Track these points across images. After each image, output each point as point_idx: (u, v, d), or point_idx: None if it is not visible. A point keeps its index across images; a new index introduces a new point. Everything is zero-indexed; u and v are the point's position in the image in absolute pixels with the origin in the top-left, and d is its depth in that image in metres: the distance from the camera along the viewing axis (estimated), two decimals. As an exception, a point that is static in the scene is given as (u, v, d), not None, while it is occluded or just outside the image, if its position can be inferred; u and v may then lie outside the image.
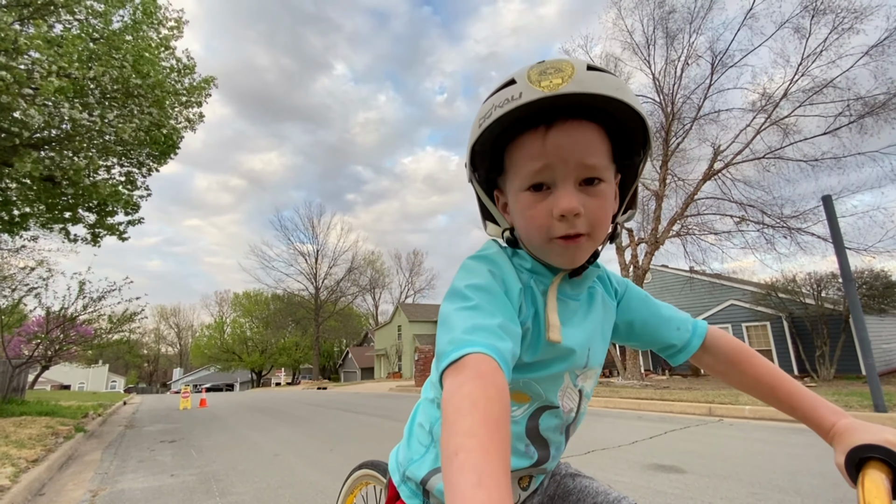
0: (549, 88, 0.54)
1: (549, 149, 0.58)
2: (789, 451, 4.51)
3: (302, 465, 4.96)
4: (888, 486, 0.45)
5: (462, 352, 0.48)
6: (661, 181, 14.94)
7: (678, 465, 4.10)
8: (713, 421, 6.79)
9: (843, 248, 7.03)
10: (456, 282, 0.60)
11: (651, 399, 9.07)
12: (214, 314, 59.73)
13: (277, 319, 47.63)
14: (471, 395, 0.42)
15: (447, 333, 0.52)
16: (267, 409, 12.38)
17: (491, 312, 0.54)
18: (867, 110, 12.47)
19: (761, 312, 16.52)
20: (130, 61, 6.74)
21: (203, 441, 7.04)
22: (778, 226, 13.58)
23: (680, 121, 15.18)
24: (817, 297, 14.91)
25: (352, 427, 7.96)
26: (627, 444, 5.15)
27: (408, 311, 37.85)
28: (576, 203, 0.58)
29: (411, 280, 55.22)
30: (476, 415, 0.40)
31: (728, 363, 0.74)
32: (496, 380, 0.45)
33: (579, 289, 0.69)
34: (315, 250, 45.39)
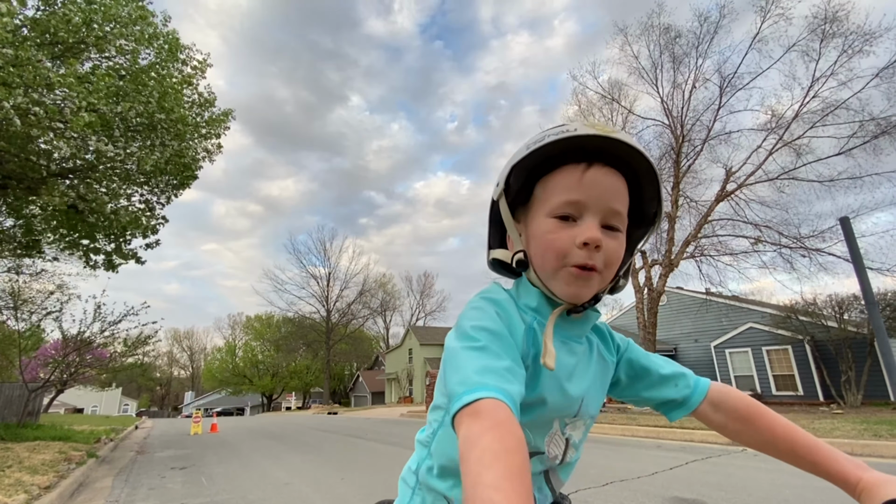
0: (603, 131, 0.60)
1: (585, 185, 0.61)
2: (818, 485, 4.31)
3: (313, 494, 4.87)
4: None
5: (475, 395, 0.48)
6: (673, 203, 14.87)
7: (701, 498, 3.94)
8: (736, 451, 6.54)
9: (864, 269, 6.87)
10: (462, 321, 0.60)
11: (670, 427, 8.79)
12: (227, 337, 60.10)
13: (288, 342, 47.64)
14: (492, 446, 0.42)
15: (456, 373, 0.53)
16: (277, 435, 12.27)
17: (498, 354, 0.55)
18: (881, 130, 12.37)
19: (782, 336, 16.04)
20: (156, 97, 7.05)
21: (214, 468, 6.97)
22: (796, 246, 13.35)
23: (690, 142, 15.20)
24: (840, 320, 14.47)
25: (362, 455, 7.83)
26: (647, 476, 4.97)
27: (419, 334, 37.59)
28: (597, 234, 0.61)
29: (422, 302, 55.10)
30: (499, 468, 0.40)
31: (740, 420, 0.71)
32: (513, 429, 0.45)
33: (579, 332, 0.69)
34: (327, 273, 45.73)
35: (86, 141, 6.04)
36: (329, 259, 46.41)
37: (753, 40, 14.00)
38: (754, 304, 18.53)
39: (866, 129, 12.64)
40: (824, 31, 12.95)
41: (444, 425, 0.67)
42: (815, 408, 13.81)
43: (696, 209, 15.22)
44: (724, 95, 14.60)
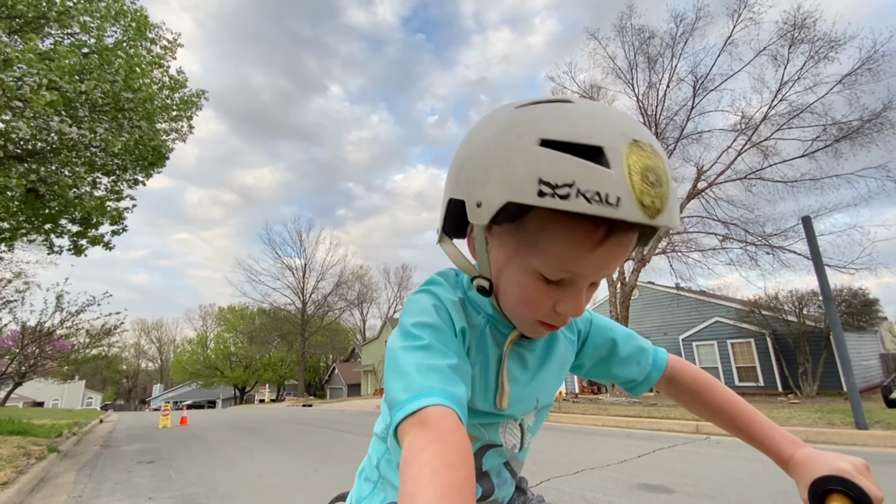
0: (650, 212, 0.45)
1: (597, 258, 0.50)
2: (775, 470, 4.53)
3: (286, 487, 4.84)
4: None
5: (419, 403, 0.45)
6: (646, 200, 15.24)
7: (666, 484, 4.10)
8: (700, 439, 6.82)
9: (822, 267, 7.21)
10: (403, 317, 0.57)
11: (639, 417, 9.08)
12: (198, 329, 58.53)
13: (263, 334, 46.77)
14: (431, 462, 0.39)
15: (400, 378, 0.49)
16: (250, 428, 12.08)
17: (443, 353, 0.52)
18: (842, 135, 12.96)
19: (745, 329, 16.76)
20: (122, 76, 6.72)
21: (183, 462, 6.83)
22: (760, 244, 13.90)
23: (664, 141, 15.57)
24: (799, 315, 15.20)
25: (337, 446, 7.81)
26: (616, 464, 5.13)
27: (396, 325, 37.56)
28: (584, 308, 0.56)
29: (400, 295, 54.91)
30: (437, 486, 0.37)
31: (689, 393, 0.73)
32: (458, 440, 0.42)
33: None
34: (303, 264, 44.97)
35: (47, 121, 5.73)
36: (305, 250, 45.67)
37: (725, 43, 14.40)
38: (721, 298, 19.25)
39: (829, 132, 13.22)
40: (793, 36, 13.42)
41: None
42: (775, 398, 14.51)
43: (669, 206, 15.65)
44: (697, 96, 15.01)
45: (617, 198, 0.43)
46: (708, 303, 18.97)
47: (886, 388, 13.19)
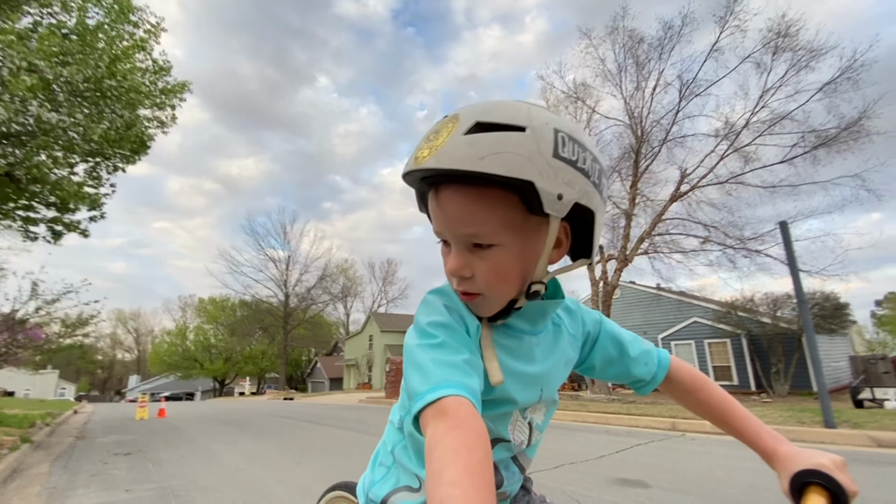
0: (415, 161, 0.56)
1: (435, 214, 0.60)
2: (747, 466, 4.70)
3: (268, 479, 4.82)
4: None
5: (437, 394, 0.50)
6: (630, 201, 15.45)
7: (643, 479, 4.21)
8: (676, 435, 7.00)
9: (797, 271, 7.44)
10: (419, 317, 0.61)
11: (618, 413, 9.27)
12: (177, 319, 57.43)
13: (244, 326, 46.15)
14: (453, 444, 0.44)
15: (418, 372, 0.54)
16: (230, 421, 11.96)
17: (456, 349, 0.56)
18: (820, 142, 13.32)
19: (722, 330, 17.20)
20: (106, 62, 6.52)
21: (161, 454, 6.74)
22: (739, 247, 14.24)
23: (649, 143, 15.80)
24: (773, 317, 15.66)
25: (320, 440, 7.79)
26: (595, 459, 5.24)
27: (380, 320, 37.44)
28: (456, 265, 0.59)
29: (384, 289, 54.76)
30: (459, 465, 0.42)
31: (686, 391, 0.78)
32: (475, 425, 0.47)
33: (536, 324, 0.69)
34: (286, 256, 44.48)
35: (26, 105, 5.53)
36: (289, 242, 45.18)
37: (711, 49, 14.64)
38: (699, 299, 19.69)
39: (807, 140, 13.58)
40: (777, 45, 13.72)
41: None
42: (748, 397, 14.94)
43: (652, 208, 15.90)
44: (683, 100, 15.25)
45: (412, 158, 0.57)
46: (687, 303, 19.41)
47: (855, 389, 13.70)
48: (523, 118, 0.55)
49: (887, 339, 44.59)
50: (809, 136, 13.54)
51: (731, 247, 14.34)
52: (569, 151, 0.55)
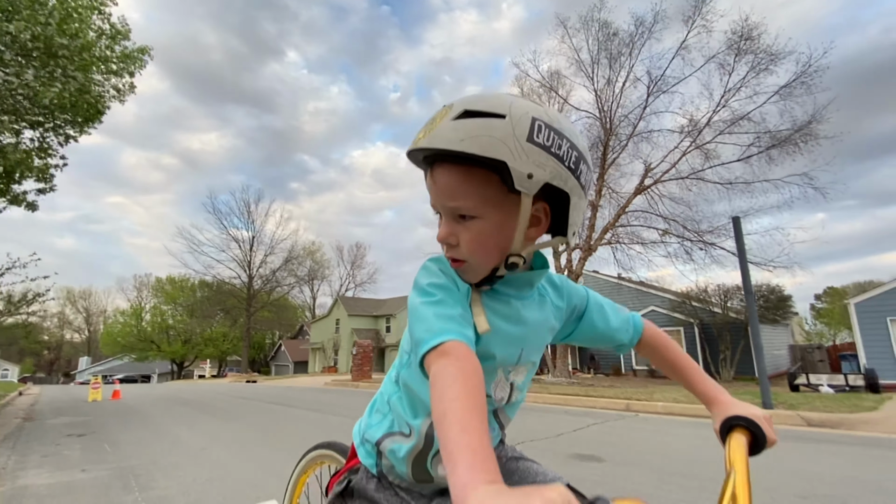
0: (414, 143, 0.67)
1: (430, 188, 0.70)
2: (691, 443, 5.07)
3: (232, 458, 4.80)
4: (746, 445, 0.62)
5: (439, 339, 0.58)
6: (597, 192, 15.89)
7: (597, 454, 4.47)
8: (630, 415, 7.42)
9: (746, 263, 7.94)
10: (420, 279, 0.70)
11: (577, 395, 9.69)
12: (132, 299, 54.93)
13: (204, 308, 44.69)
14: (454, 373, 0.54)
15: (422, 323, 0.62)
16: (191, 402, 11.69)
17: (452, 305, 0.65)
18: (774, 143, 14.08)
19: (677, 318, 18.13)
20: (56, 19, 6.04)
21: (118, 435, 6.56)
22: (695, 240, 14.96)
23: (617, 137, 16.22)
24: (724, 307, 16.63)
25: (285, 421, 7.76)
26: (554, 437, 5.50)
27: (347, 304, 37.13)
28: (444, 233, 0.70)
29: (353, 273, 54.17)
30: (458, 387, 0.52)
31: (653, 349, 0.91)
32: (472, 360, 0.57)
33: (521, 290, 0.77)
34: (251, 237, 43.15)
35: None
36: (254, 222, 43.74)
37: (679, 47, 15.10)
38: (657, 289, 20.62)
39: (762, 140, 14.31)
40: (739, 47, 14.30)
41: (412, 367, 0.76)
42: (697, 381, 15.89)
43: (616, 200, 16.40)
44: (651, 96, 15.69)
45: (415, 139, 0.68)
46: (646, 293, 20.30)
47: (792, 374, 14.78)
48: (505, 108, 0.63)
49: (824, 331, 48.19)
50: (764, 136, 14.28)
51: (689, 239, 15.04)
52: (543, 137, 0.63)
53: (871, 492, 3.22)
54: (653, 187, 15.78)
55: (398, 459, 0.77)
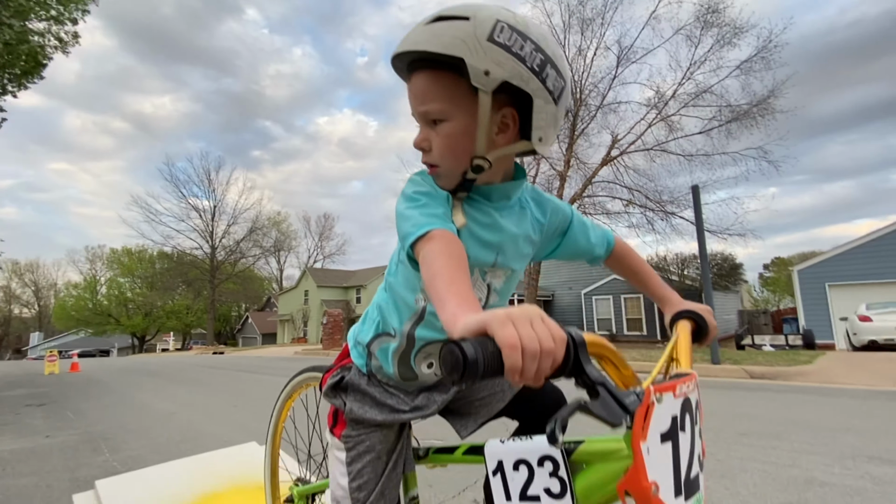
0: (397, 48, 0.71)
1: (408, 96, 0.75)
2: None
3: (203, 421, 4.81)
4: (690, 328, 0.72)
5: (425, 229, 0.65)
6: (565, 163, 16.11)
7: (561, 406, 4.75)
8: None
9: (703, 231, 8.36)
10: (406, 189, 0.75)
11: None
12: (85, 272, 52.27)
13: (165, 280, 43.15)
14: (440, 247, 0.62)
15: (407, 221, 0.68)
16: (156, 373, 11.47)
17: (436, 207, 0.71)
18: (733, 116, 14.59)
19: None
20: (-13, -46, 5.42)
21: (81, 404, 6.42)
22: (657, 210, 15.52)
23: (587, 107, 16.36)
24: (681, 275, 17.52)
25: (256, 387, 7.77)
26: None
27: (316, 276, 36.69)
28: (418, 139, 0.75)
29: (321, 245, 53.31)
30: (444, 257, 0.60)
31: (618, 258, 0.99)
32: (456, 241, 0.65)
33: (499, 200, 0.81)
34: (212, 206, 41.53)
35: None
36: (214, 191, 42.02)
37: (650, 17, 15.18)
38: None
39: (723, 113, 14.80)
40: (706, 19, 14.52)
41: (397, 273, 0.82)
42: (653, 345, 16.85)
43: (583, 172, 16.71)
44: (621, 66, 15.82)
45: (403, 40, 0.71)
46: (610, 261, 21.06)
47: (739, 336, 15.91)
48: (471, 11, 0.67)
49: (770, 297, 51.65)
50: (725, 110, 14.76)
51: (651, 209, 15.59)
52: (504, 38, 0.65)
53: (801, 428, 3.60)
54: (619, 158, 16.13)
55: (386, 358, 0.85)
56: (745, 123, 14.49)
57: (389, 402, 0.85)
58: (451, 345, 0.42)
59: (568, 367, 0.45)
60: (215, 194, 41.90)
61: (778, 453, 2.97)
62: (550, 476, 0.61)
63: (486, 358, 0.41)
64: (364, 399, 0.86)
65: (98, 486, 1.53)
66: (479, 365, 0.40)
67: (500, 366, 0.41)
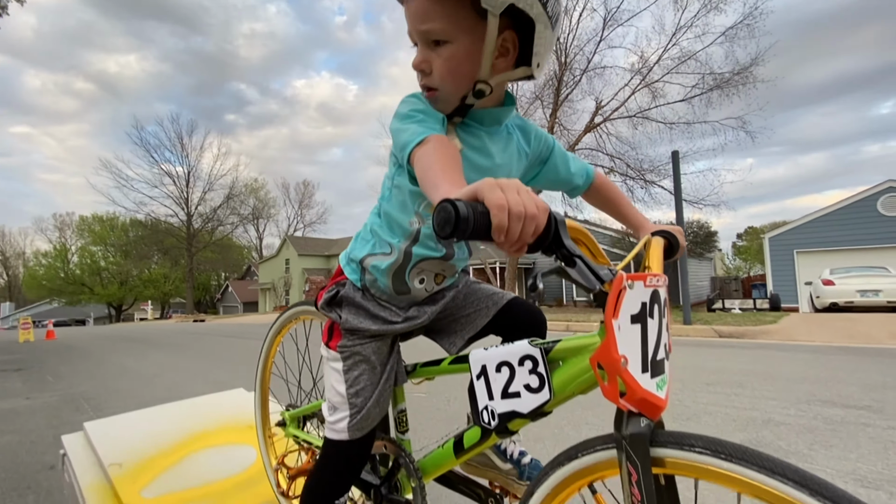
0: None
1: (406, 15, 0.73)
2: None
3: (187, 382, 4.84)
4: (662, 245, 0.76)
5: (421, 137, 0.66)
6: (549, 129, 16.03)
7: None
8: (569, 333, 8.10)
9: (680, 198, 8.55)
10: (400, 109, 0.75)
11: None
12: (54, 240, 50.48)
13: (140, 248, 42.01)
14: (434, 146, 0.64)
15: (404, 133, 0.69)
16: (136, 339, 11.36)
17: (431, 122, 0.71)
18: (715, 84, 14.63)
19: (615, 254, 19.40)
20: None
21: (59, 367, 6.36)
22: (637, 177, 15.70)
23: (571, 72, 16.15)
24: (658, 242, 17.91)
25: (241, 350, 7.79)
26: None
27: (297, 244, 36.25)
28: (417, 60, 0.73)
29: (301, 213, 52.42)
30: (439, 152, 0.63)
31: (596, 190, 1.02)
32: (450, 142, 0.67)
33: (491, 125, 0.82)
34: (186, 172, 40.11)
35: None
36: (188, 156, 40.48)
37: (637, -21, 14.84)
38: (599, 226, 21.77)
39: (706, 81, 14.81)
40: (693, -20, 14.27)
41: (392, 199, 0.84)
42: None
43: (567, 138, 16.66)
44: (607, 28, 15.55)
45: None
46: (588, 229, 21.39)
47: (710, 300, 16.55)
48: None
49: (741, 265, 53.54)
50: (708, 78, 14.77)
51: (632, 177, 15.76)
52: None
53: (762, 379, 3.84)
54: (602, 125, 16.11)
55: (380, 273, 0.87)
56: (726, 92, 14.55)
57: (382, 314, 0.89)
58: (446, 202, 0.45)
59: (549, 238, 0.48)
60: (189, 160, 40.46)
61: (740, 399, 3.18)
62: (530, 373, 0.65)
63: (475, 217, 0.44)
64: (358, 311, 0.89)
65: (87, 427, 1.56)
66: (469, 222, 0.43)
67: (488, 226, 0.44)
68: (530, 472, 0.89)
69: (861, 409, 2.87)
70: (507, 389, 0.67)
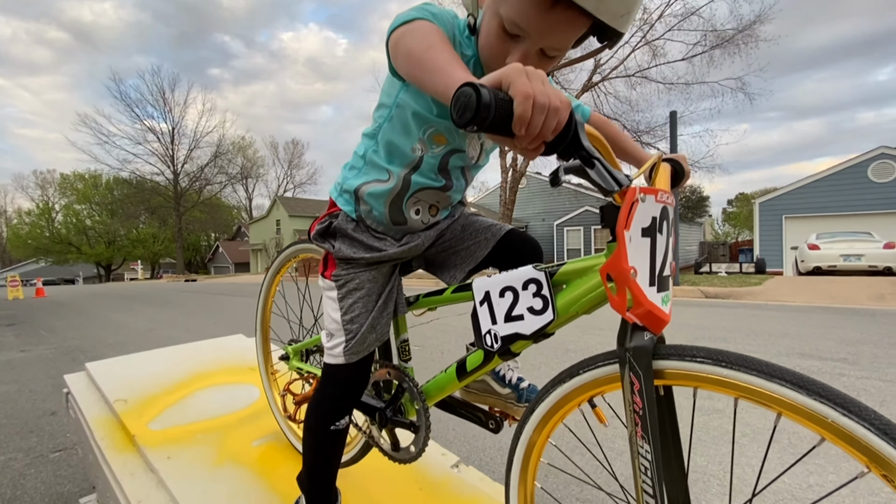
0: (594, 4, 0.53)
1: (543, 22, 0.58)
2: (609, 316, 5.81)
3: (183, 336, 4.89)
4: (669, 172, 0.76)
5: (410, 17, 0.63)
6: (546, 88, 15.64)
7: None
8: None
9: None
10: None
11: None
12: (36, 198, 49.24)
13: (126, 207, 41.15)
14: (430, 27, 0.60)
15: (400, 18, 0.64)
16: (129, 297, 11.35)
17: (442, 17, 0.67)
18: (718, 42, 14.25)
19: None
20: None
21: (53, 323, 6.37)
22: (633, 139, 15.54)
23: (570, 28, 15.60)
24: (650, 206, 17.96)
25: (235, 307, 7.83)
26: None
27: (287, 205, 35.80)
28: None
29: (290, 173, 51.42)
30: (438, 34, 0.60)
31: (596, 127, 0.97)
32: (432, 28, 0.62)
33: None
34: (170, 128, 38.76)
35: None
36: (171, 111, 38.97)
37: (643, -74, 14.10)
38: (591, 191, 21.72)
39: (708, 39, 14.42)
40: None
41: (393, 121, 0.80)
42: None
43: (565, 97, 16.32)
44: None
45: None
46: (582, 194, 21.32)
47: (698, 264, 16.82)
48: None
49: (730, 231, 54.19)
50: (711, 35, 14.36)
51: (628, 139, 15.60)
52: None
53: (745, 334, 3.97)
54: (600, 84, 15.75)
55: (376, 201, 0.86)
56: (728, 50, 14.21)
57: (376, 244, 0.88)
58: (467, 86, 0.42)
59: (569, 136, 0.48)
60: (172, 115, 38.99)
61: (723, 352, 3.30)
62: (534, 296, 0.66)
63: (497, 104, 0.42)
64: (352, 242, 0.88)
65: (89, 367, 1.58)
66: (490, 109, 0.41)
67: (510, 116, 0.42)
68: (528, 395, 0.92)
69: (837, 361, 3.00)
70: (511, 313, 0.68)
